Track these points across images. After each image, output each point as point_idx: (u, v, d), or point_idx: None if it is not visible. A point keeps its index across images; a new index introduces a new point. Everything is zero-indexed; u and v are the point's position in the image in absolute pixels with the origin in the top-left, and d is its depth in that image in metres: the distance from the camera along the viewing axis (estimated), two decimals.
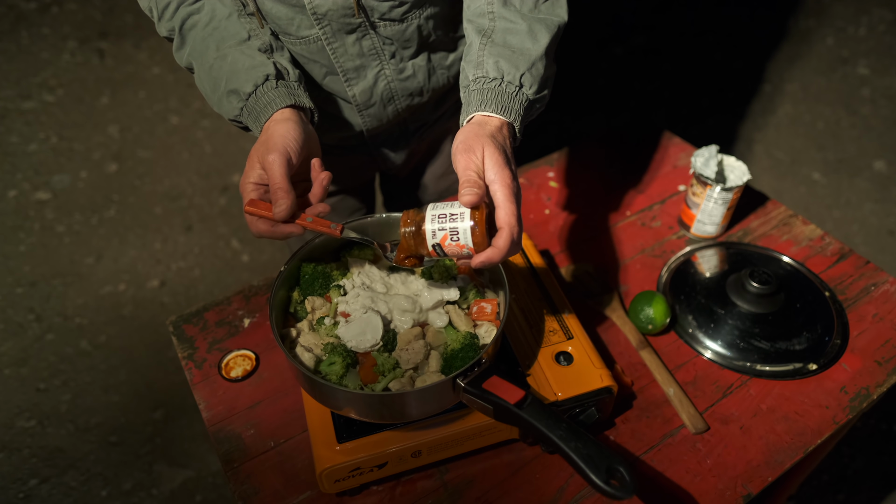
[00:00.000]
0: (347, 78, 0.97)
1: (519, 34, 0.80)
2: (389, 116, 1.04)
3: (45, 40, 3.34)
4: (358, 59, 0.95)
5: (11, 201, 2.61)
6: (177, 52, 0.91)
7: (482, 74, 0.77)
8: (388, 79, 0.99)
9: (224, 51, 0.85)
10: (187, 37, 0.89)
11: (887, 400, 1.87)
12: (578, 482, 0.85)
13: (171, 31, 0.90)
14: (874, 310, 1.07)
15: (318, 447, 0.79)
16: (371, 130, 1.06)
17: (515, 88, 0.77)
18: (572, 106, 3.08)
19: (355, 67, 0.96)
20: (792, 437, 0.90)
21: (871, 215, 2.59)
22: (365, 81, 0.98)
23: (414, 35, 0.95)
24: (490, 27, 0.82)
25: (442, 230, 0.69)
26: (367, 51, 0.94)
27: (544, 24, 0.82)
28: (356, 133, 1.08)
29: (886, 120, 2.99)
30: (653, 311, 1.00)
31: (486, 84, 0.77)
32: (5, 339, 2.14)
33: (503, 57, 0.78)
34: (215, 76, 0.85)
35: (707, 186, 1.12)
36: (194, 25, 0.88)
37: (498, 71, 0.77)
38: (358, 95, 0.99)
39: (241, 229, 2.54)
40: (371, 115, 1.03)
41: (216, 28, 0.87)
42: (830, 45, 3.40)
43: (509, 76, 0.77)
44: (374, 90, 0.99)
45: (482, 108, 0.75)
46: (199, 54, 0.87)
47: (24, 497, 1.75)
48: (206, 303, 1.10)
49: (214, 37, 0.87)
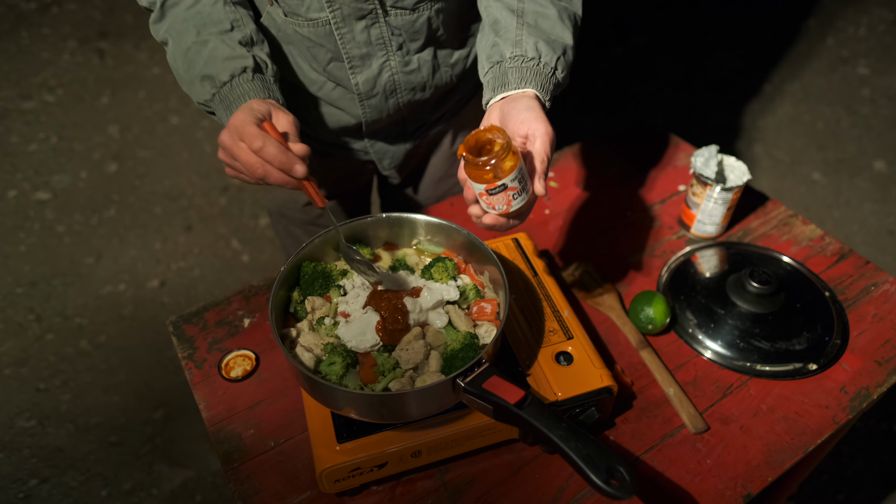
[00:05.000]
0: (352, 65, 0.97)
1: (550, 19, 0.84)
2: (390, 110, 1.05)
3: (45, 40, 3.34)
4: (365, 48, 0.95)
5: (11, 201, 2.61)
6: (154, 24, 0.91)
7: (521, 53, 0.82)
8: (392, 70, 0.99)
9: (205, 36, 0.86)
10: (168, 12, 0.89)
11: (887, 400, 1.87)
12: (578, 482, 0.85)
13: (151, 3, 0.90)
14: (874, 310, 1.07)
15: (318, 447, 0.79)
16: (370, 125, 1.06)
17: (551, 70, 0.82)
18: (572, 106, 3.08)
19: (361, 55, 0.96)
20: (792, 437, 0.90)
21: (871, 215, 2.59)
22: (369, 70, 0.98)
23: (423, 27, 0.96)
24: (520, 8, 0.85)
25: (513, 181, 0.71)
26: (374, 40, 0.95)
27: (567, 14, 0.86)
28: (354, 127, 1.08)
29: (886, 120, 2.99)
30: (653, 311, 1.00)
31: (524, 63, 0.81)
32: (5, 339, 2.14)
33: (542, 39, 0.83)
34: (191, 58, 0.86)
35: (707, 186, 1.12)
36: (177, 3, 0.89)
37: (536, 52, 0.82)
38: (361, 84, 0.99)
39: (241, 229, 2.54)
40: (372, 105, 1.03)
41: (199, 12, 0.87)
42: (830, 45, 3.41)
43: (546, 58, 0.82)
44: (378, 80, 1.00)
45: (522, 86, 0.80)
46: (177, 33, 0.88)
47: (24, 497, 1.75)
48: (206, 303, 1.10)
49: (196, 20, 0.87)
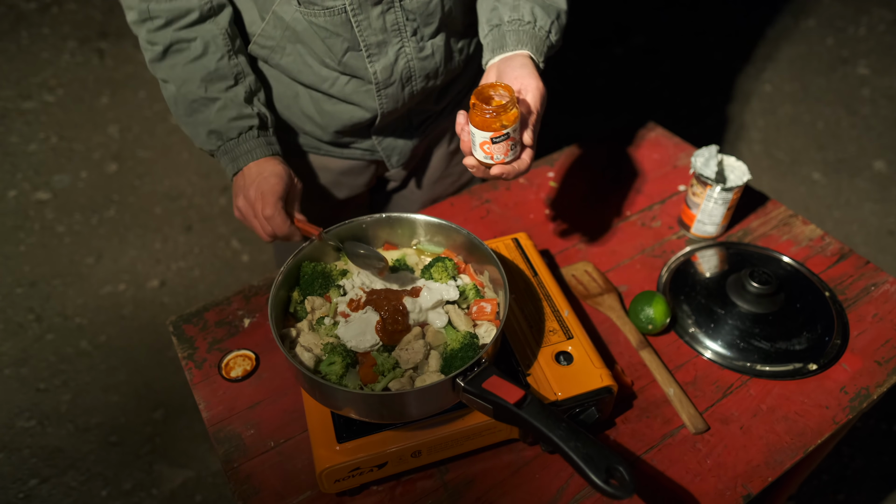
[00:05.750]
0: (370, 53, 0.97)
1: None
2: (405, 99, 1.05)
3: (45, 40, 3.34)
4: (381, 34, 0.96)
5: (11, 201, 2.61)
6: (153, 63, 0.96)
7: (518, 17, 0.88)
8: (408, 57, 1.00)
9: (213, 94, 0.95)
10: (169, 58, 0.94)
11: (887, 400, 1.87)
12: (578, 482, 0.85)
13: (150, 43, 0.94)
14: (874, 310, 1.07)
15: (317, 447, 0.79)
16: (385, 117, 1.07)
17: (545, 34, 0.89)
18: (572, 106, 3.08)
19: (378, 43, 0.97)
20: (792, 438, 0.90)
21: (871, 215, 2.59)
22: (386, 58, 0.99)
23: (436, 10, 0.97)
24: None
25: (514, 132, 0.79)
26: (389, 26, 0.96)
27: None
28: (366, 122, 1.08)
29: (886, 120, 2.99)
30: (653, 311, 1.00)
31: (521, 26, 0.88)
32: (5, 339, 2.14)
33: (538, 4, 0.90)
34: (197, 109, 0.96)
35: (707, 186, 1.12)
36: (181, 51, 0.94)
37: (532, 16, 0.88)
38: (379, 73, 1.00)
39: (241, 229, 2.54)
40: (389, 95, 1.03)
41: (205, 66, 0.94)
42: (830, 45, 3.40)
43: (541, 21, 0.89)
44: (395, 68, 1.00)
45: (518, 47, 0.87)
46: (181, 80, 0.95)
47: (24, 497, 1.75)
48: (206, 303, 1.10)
49: (202, 73, 0.94)
